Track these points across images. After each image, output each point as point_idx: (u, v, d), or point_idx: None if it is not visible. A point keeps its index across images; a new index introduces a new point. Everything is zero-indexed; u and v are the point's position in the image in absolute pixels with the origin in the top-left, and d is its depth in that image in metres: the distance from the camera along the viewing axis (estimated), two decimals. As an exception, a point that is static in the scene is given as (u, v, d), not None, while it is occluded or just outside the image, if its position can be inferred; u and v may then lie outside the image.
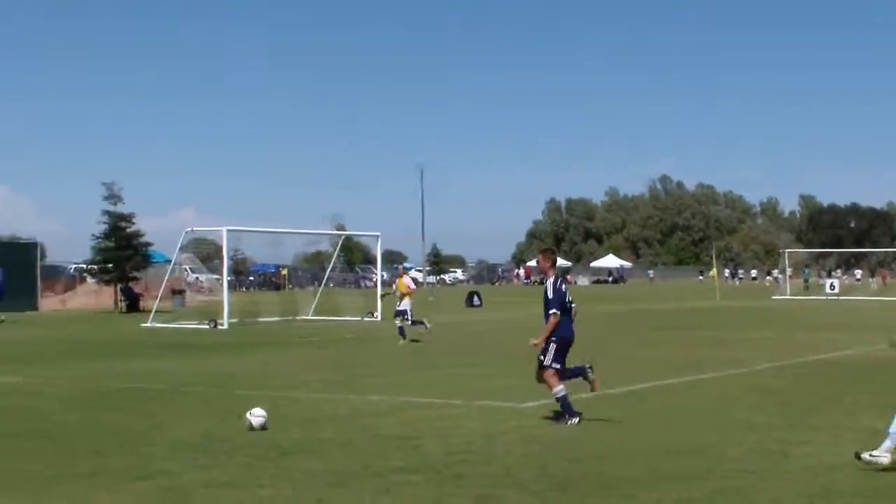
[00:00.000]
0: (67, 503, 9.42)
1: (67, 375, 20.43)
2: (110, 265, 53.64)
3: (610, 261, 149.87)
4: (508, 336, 31.83)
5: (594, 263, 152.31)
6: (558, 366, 13.86)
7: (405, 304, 30.14)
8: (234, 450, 12.05)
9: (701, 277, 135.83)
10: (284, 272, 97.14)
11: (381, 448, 12.21)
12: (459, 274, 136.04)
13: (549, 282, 14.15)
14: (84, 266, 62.41)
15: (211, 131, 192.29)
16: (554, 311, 13.89)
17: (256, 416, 13.66)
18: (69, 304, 58.20)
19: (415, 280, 36.81)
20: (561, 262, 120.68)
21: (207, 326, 38.08)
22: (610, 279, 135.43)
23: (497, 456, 11.72)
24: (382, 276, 53.49)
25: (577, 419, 13.70)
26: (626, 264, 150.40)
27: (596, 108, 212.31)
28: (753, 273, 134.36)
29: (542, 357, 13.93)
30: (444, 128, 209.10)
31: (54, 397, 16.95)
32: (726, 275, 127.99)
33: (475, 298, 57.47)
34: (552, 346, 13.82)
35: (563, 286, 14.25)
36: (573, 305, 14.27)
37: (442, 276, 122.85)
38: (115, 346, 29.42)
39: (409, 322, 30.01)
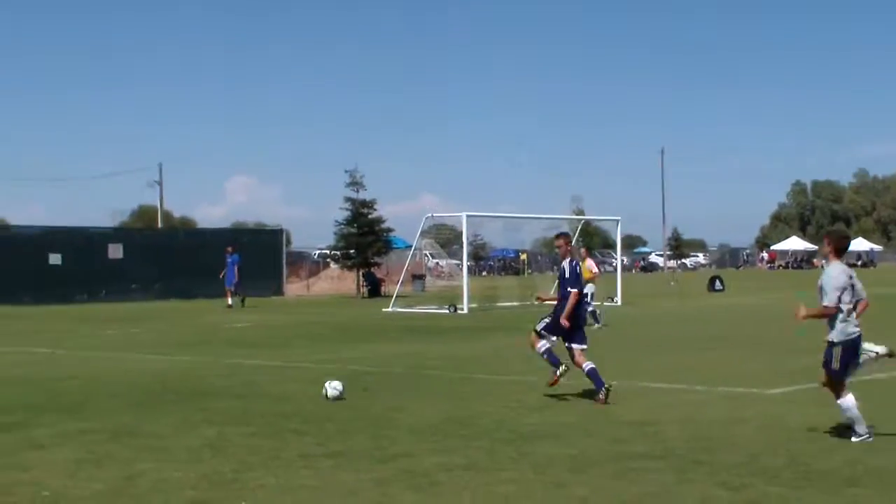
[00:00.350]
0: (316, 482, 9.60)
1: (313, 359, 20.92)
2: (353, 251, 54.78)
3: (859, 244, 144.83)
4: (752, 321, 31.14)
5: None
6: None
7: (588, 289, 29.83)
8: (475, 434, 12.09)
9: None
10: (524, 257, 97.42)
11: (621, 433, 12.07)
12: (701, 258, 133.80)
13: (566, 262, 14.99)
14: (327, 252, 63.95)
15: (452, 118, 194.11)
16: (574, 289, 14.70)
17: (333, 387, 14.69)
18: (313, 289, 59.75)
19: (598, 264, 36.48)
20: (806, 245, 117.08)
21: (447, 311, 38.50)
22: (859, 263, 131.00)
23: (741, 443, 11.42)
24: (622, 260, 53.03)
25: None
26: (876, 247, 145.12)
27: (839, 88, 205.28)
28: None
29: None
30: (687, 110, 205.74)
31: (302, 380, 17.36)
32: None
33: (717, 283, 56.41)
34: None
35: (579, 268, 15.12)
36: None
37: (683, 260, 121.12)
38: (357, 330, 30.00)
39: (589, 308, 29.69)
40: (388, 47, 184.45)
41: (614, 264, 61.09)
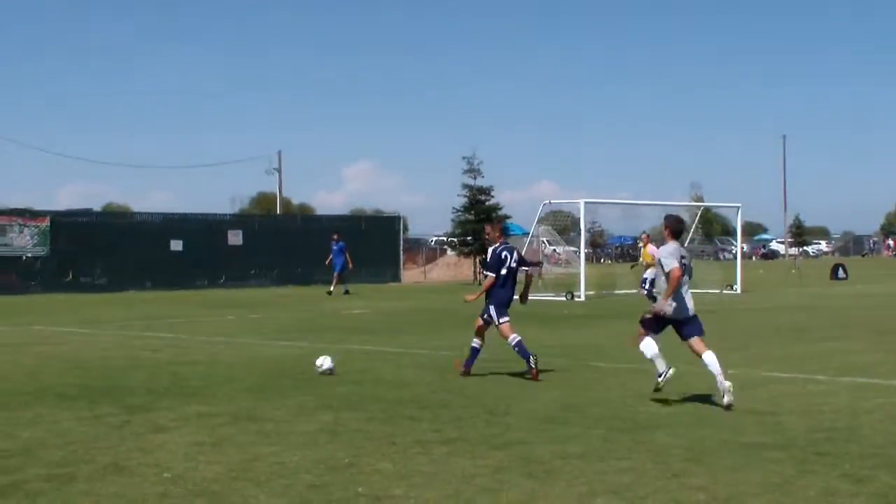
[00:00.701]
0: (431, 468, 9.63)
1: (429, 345, 21.01)
2: (469, 238, 54.88)
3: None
4: (876, 310, 30.51)
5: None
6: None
7: (649, 274, 29.91)
8: (590, 422, 12.02)
9: None
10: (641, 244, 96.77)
11: (740, 423, 11.91)
12: (823, 246, 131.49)
13: (490, 249, 16.63)
14: (444, 238, 64.15)
15: (571, 104, 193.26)
16: (491, 274, 16.38)
17: (324, 364, 16.17)
18: (429, 276, 60.04)
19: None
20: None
21: (564, 298, 38.39)
22: None
23: (864, 434, 11.20)
24: (742, 248, 52.36)
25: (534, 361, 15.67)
26: None
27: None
28: None
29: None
30: (809, 96, 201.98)
31: (417, 366, 17.45)
32: None
33: (840, 271, 55.39)
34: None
35: (504, 254, 16.40)
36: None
37: (804, 248, 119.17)
38: (473, 317, 29.98)
39: (644, 292, 29.73)
40: (508, 35, 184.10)
41: (734, 252, 60.37)
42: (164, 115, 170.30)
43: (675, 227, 14.24)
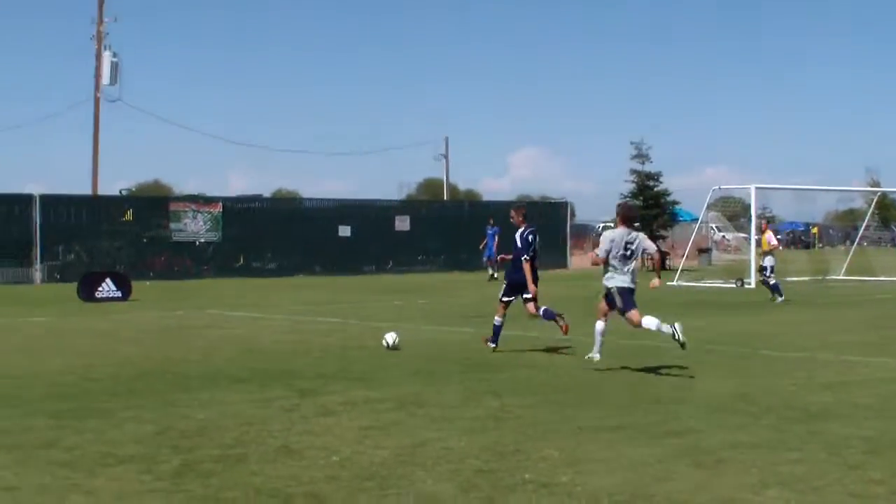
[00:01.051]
0: (598, 455, 9.54)
1: (591, 332, 20.83)
2: (637, 224, 54.35)
3: None
4: None
5: None
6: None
7: (768, 261, 29.59)
8: (762, 411, 11.78)
9: None
10: (815, 230, 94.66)
11: (921, 415, 11.53)
12: None
13: (518, 233, 17.45)
14: (611, 224, 63.74)
15: (741, 88, 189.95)
16: (525, 257, 17.22)
17: (390, 338, 17.46)
18: (597, 262, 59.71)
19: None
20: None
21: (734, 285, 37.79)
22: None
23: None
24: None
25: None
26: None
27: None
28: None
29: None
30: None
31: (585, 353, 17.32)
32: None
33: None
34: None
35: (531, 237, 17.37)
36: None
37: None
38: (641, 303, 29.63)
39: (762, 279, 30.20)
40: (677, 21, 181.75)
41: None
42: (333, 103, 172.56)
43: (625, 214, 16.28)
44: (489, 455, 9.57)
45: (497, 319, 17.73)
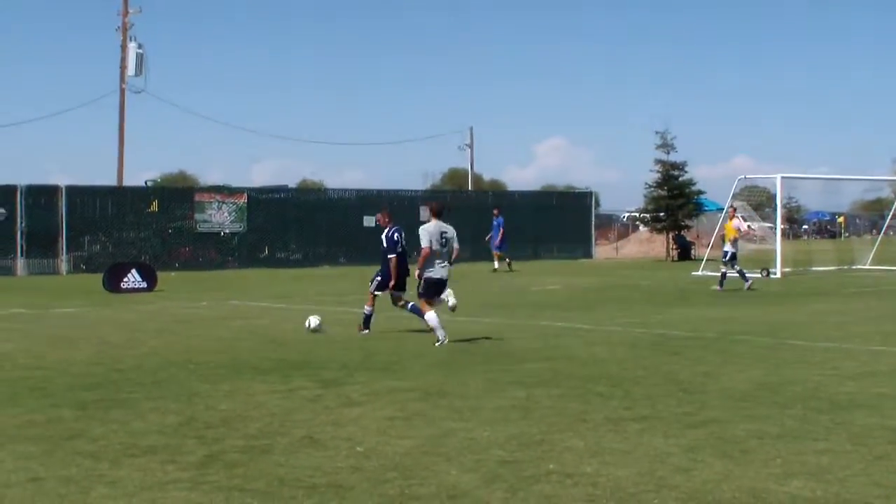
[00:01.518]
0: (623, 446, 9.51)
1: (621, 322, 20.84)
2: (662, 213, 54.25)
3: None
4: None
5: None
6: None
7: (729, 247, 30.47)
8: (787, 401, 11.73)
9: None
10: (841, 220, 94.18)
11: (947, 405, 11.45)
12: None
13: (384, 233, 19.27)
14: (636, 214, 63.58)
15: (764, 77, 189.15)
16: (391, 255, 18.82)
17: (314, 321, 19.03)
18: (621, 252, 59.65)
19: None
20: None
21: (759, 275, 37.67)
22: None
23: None
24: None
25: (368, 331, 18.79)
26: None
27: None
28: None
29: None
30: None
31: (609, 343, 17.31)
32: None
33: None
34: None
35: (396, 235, 18.95)
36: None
37: None
38: (666, 293, 29.72)
39: (724, 268, 30.45)
40: (703, 10, 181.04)
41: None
42: (358, 93, 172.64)
43: (436, 208, 18.25)
44: (514, 445, 9.55)
45: (367, 308, 19.26)
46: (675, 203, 53.42)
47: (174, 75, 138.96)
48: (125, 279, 31.43)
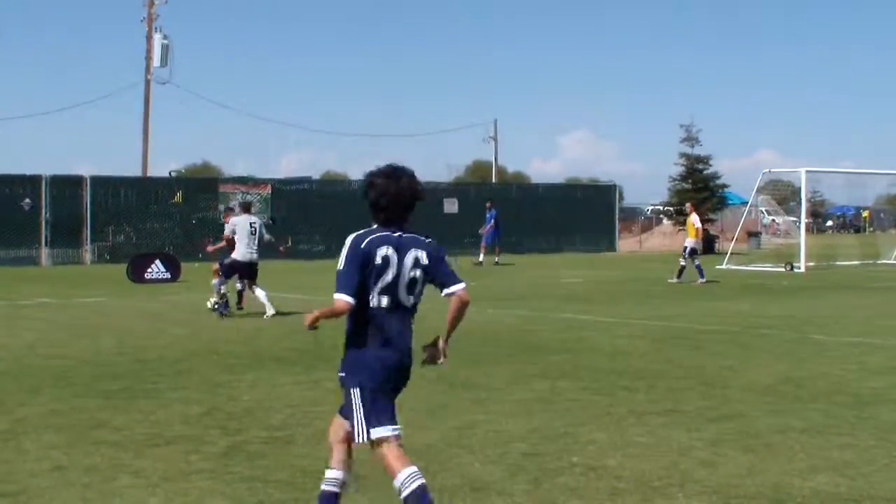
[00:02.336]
0: (646, 439, 9.49)
1: (645, 315, 20.79)
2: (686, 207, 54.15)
3: None
4: None
5: None
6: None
7: (689, 242, 30.94)
8: (811, 396, 11.69)
9: None
10: (865, 214, 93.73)
11: (972, 401, 11.38)
12: None
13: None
14: (660, 207, 63.48)
15: (790, 71, 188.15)
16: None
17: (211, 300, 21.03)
18: (645, 245, 59.51)
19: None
20: None
21: (783, 269, 37.55)
22: None
23: None
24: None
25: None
26: None
27: None
28: None
29: None
30: None
31: (633, 336, 17.28)
32: None
33: None
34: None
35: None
36: None
37: None
38: (689, 287, 29.61)
39: (683, 260, 30.77)
40: (725, 3, 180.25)
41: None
42: (382, 84, 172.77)
43: (244, 205, 22.66)
44: (537, 438, 9.55)
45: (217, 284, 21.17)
46: (699, 196, 53.31)
47: (199, 66, 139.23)
48: (149, 269, 31.53)
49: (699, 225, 32.29)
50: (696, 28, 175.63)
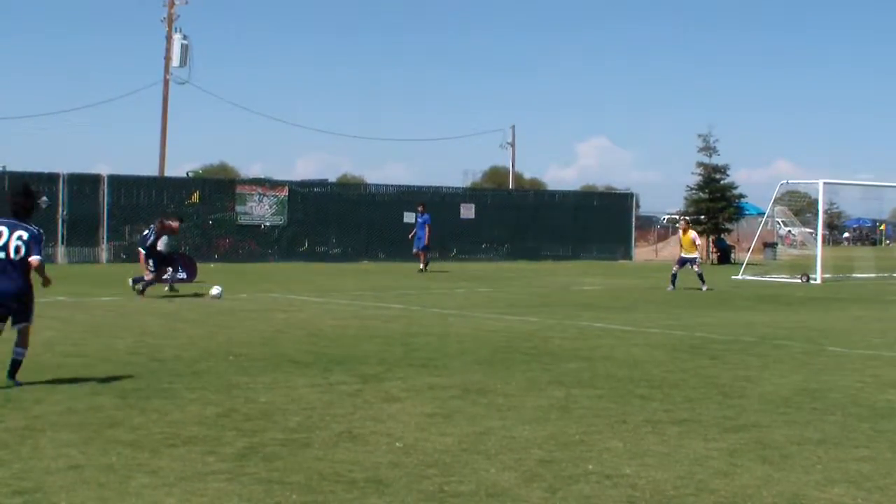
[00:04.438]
0: (662, 448, 9.47)
1: (660, 324, 20.76)
2: (703, 216, 54.10)
3: None
4: None
5: None
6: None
7: (691, 256, 31.86)
8: (827, 408, 11.66)
9: None
10: (882, 227, 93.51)
11: None
12: None
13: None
14: (676, 217, 63.35)
15: (809, 82, 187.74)
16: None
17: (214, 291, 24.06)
18: (661, 254, 59.46)
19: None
20: None
21: (799, 280, 37.46)
22: None
23: None
24: None
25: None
26: None
27: None
28: None
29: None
30: None
31: (649, 345, 17.25)
32: None
33: None
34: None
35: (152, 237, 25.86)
36: None
37: None
38: (705, 296, 29.57)
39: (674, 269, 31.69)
40: (746, 13, 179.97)
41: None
42: (401, 89, 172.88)
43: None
44: (553, 445, 9.54)
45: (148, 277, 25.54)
46: (715, 206, 53.28)
47: (218, 67, 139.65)
48: (165, 269, 31.52)
49: (700, 241, 32.99)
50: (715, 39, 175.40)
